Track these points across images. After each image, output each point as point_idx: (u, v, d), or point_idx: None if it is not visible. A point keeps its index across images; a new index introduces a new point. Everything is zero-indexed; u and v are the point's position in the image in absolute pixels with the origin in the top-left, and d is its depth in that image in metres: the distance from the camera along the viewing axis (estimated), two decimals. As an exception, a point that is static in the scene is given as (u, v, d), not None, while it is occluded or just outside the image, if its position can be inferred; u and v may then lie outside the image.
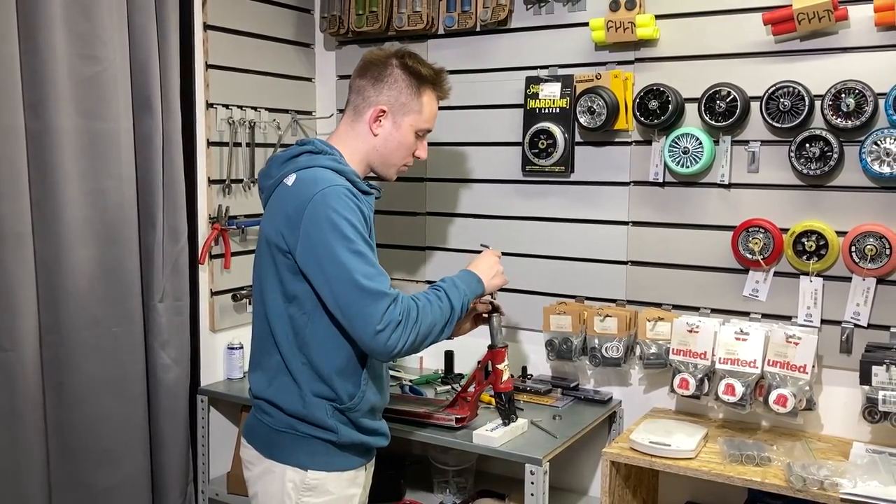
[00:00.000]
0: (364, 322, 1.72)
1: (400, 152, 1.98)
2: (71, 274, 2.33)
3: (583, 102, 2.50)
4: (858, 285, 2.21)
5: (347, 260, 1.72)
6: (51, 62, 2.24)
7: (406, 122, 1.95)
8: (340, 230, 1.74)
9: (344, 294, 1.73)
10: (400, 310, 1.74)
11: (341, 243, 1.73)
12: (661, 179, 2.46)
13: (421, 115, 1.97)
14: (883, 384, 2.03)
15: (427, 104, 1.98)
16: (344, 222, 1.75)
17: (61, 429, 2.35)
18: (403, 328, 1.74)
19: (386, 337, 1.72)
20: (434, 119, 2.02)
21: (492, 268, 2.05)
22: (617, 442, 2.24)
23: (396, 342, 1.73)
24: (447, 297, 1.87)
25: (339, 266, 1.72)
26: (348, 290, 1.72)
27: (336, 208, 1.75)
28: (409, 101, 1.95)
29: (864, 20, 2.16)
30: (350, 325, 1.75)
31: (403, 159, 2.00)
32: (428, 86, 1.98)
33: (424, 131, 2.01)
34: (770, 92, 2.24)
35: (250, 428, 1.96)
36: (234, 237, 2.79)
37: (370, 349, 1.77)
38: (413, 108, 1.95)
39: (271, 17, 2.89)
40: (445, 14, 2.75)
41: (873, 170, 2.13)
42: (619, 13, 2.41)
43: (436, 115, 2.02)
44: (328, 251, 1.73)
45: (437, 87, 2.01)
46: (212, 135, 2.71)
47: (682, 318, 2.34)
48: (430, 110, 1.99)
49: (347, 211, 1.76)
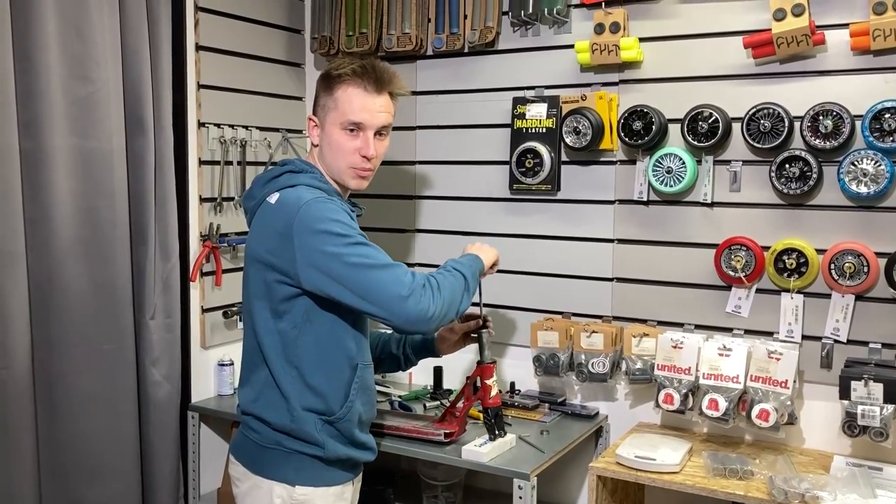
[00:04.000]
0: (389, 294, 1.73)
1: (338, 154, 1.92)
2: (63, 291, 2.35)
3: (569, 123, 2.55)
4: (838, 302, 2.26)
5: (348, 253, 1.75)
6: (45, 82, 2.27)
7: (328, 122, 1.93)
8: (332, 232, 1.76)
9: (356, 279, 1.74)
10: (419, 277, 1.78)
11: (337, 242, 1.75)
12: (645, 198, 2.51)
13: (337, 110, 1.90)
14: (862, 399, 2.07)
15: (342, 98, 1.90)
16: (334, 224, 1.77)
17: (53, 445, 2.37)
18: (431, 291, 1.77)
19: (416, 300, 1.73)
20: (359, 110, 1.90)
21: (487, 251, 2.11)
22: (603, 456, 2.28)
23: (428, 304, 1.75)
24: (455, 269, 1.93)
25: (340, 260, 1.74)
26: (357, 273, 1.74)
27: (324, 215, 1.78)
28: (326, 101, 1.94)
29: (840, 44, 2.23)
30: (376, 304, 1.74)
31: (347, 161, 1.92)
32: (338, 81, 1.91)
33: (352, 124, 1.90)
34: (751, 113, 2.30)
35: (238, 445, 1.97)
36: (225, 254, 2.82)
37: (405, 318, 1.74)
38: (329, 106, 1.92)
39: (262, 37, 2.93)
40: (434, 36, 2.80)
41: (851, 189, 2.19)
42: (604, 36, 2.47)
43: (362, 106, 1.90)
44: (326, 256, 1.75)
45: (352, 79, 1.91)
46: (203, 153, 2.74)
47: (667, 334, 2.38)
48: (346, 103, 1.90)
49: (334, 213, 1.79)
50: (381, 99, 1.93)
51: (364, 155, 1.92)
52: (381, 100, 1.93)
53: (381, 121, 1.94)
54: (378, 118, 1.93)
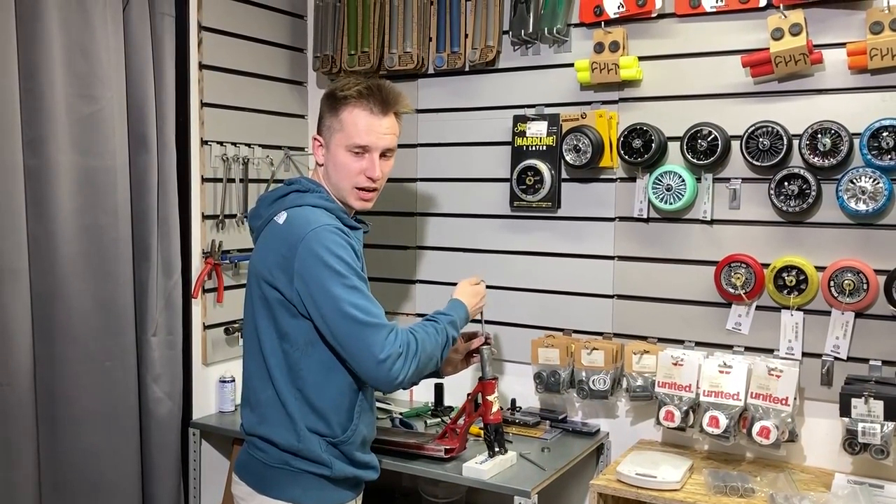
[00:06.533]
0: (366, 353, 1.76)
1: (343, 175, 1.93)
2: (66, 308, 2.36)
3: (569, 141, 2.57)
4: (837, 319, 2.26)
5: (342, 295, 1.77)
6: (50, 101, 2.30)
7: (333, 143, 1.94)
8: (333, 268, 1.78)
9: (342, 329, 1.78)
10: (399, 341, 1.79)
11: (335, 280, 1.78)
12: (645, 215, 2.52)
13: (343, 132, 1.91)
14: (862, 416, 2.08)
15: (347, 120, 1.91)
16: (336, 259, 1.79)
17: (54, 461, 2.37)
18: (405, 359, 1.79)
19: (389, 366, 1.76)
20: (365, 133, 1.91)
21: (474, 295, 2.14)
22: (604, 474, 2.28)
23: (399, 372, 1.78)
24: (443, 327, 1.95)
25: (334, 302, 1.77)
26: (346, 324, 1.77)
27: (328, 246, 1.79)
28: (332, 122, 1.94)
29: (837, 63, 2.25)
30: (352, 359, 1.79)
31: (353, 182, 1.93)
32: (343, 102, 1.92)
33: (357, 147, 1.91)
34: (750, 131, 2.31)
35: (243, 464, 1.97)
36: (227, 271, 2.83)
37: (374, 379, 1.80)
38: (335, 128, 1.93)
39: (265, 56, 2.96)
40: (435, 54, 2.82)
41: (850, 207, 2.20)
42: (604, 55, 2.49)
43: (368, 128, 1.91)
44: (322, 289, 1.78)
45: (357, 100, 1.91)
46: (206, 171, 2.76)
47: (667, 351, 2.39)
48: (351, 125, 1.91)
49: (339, 248, 1.81)
50: (386, 120, 1.94)
51: (370, 176, 1.94)
52: (386, 121, 1.94)
53: (387, 142, 1.95)
54: (384, 140, 1.94)
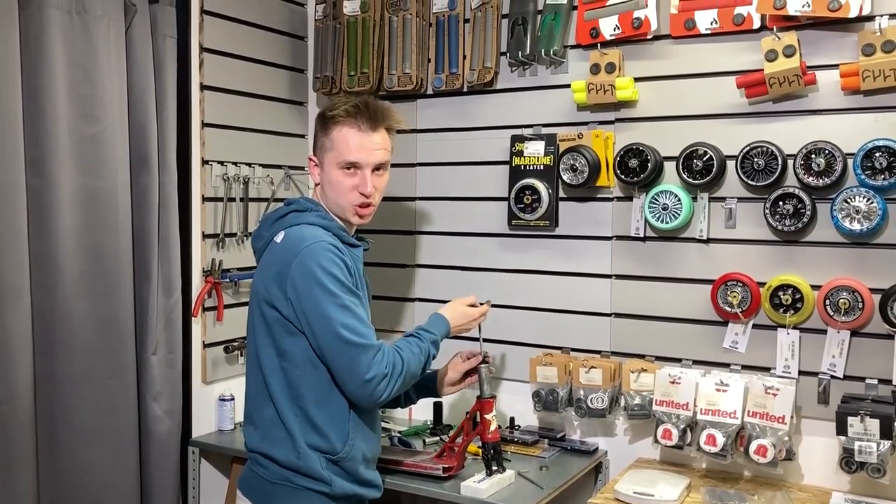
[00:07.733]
0: (352, 373, 1.82)
1: (338, 192, 1.97)
2: (66, 326, 2.38)
3: (566, 160, 2.59)
4: (833, 337, 2.27)
5: (333, 314, 1.81)
6: (52, 121, 2.32)
7: (326, 162, 1.98)
8: (325, 286, 1.82)
9: (332, 348, 1.83)
10: (386, 361, 1.85)
11: (327, 298, 1.82)
12: (642, 234, 2.54)
13: (334, 150, 1.95)
14: (858, 435, 2.08)
15: (337, 138, 1.95)
16: (328, 277, 1.82)
17: (54, 479, 2.37)
18: (389, 379, 1.85)
19: (374, 386, 1.83)
20: (354, 150, 1.94)
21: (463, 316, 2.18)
22: (602, 492, 2.28)
23: (382, 392, 1.84)
24: (426, 346, 2.00)
25: (324, 320, 1.81)
26: (335, 343, 1.82)
27: (321, 264, 1.83)
28: (323, 142, 1.98)
29: (831, 84, 2.27)
30: (339, 376, 1.85)
31: (347, 199, 1.96)
32: (332, 121, 1.96)
33: (348, 163, 1.94)
34: (745, 151, 2.34)
35: (246, 480, 1.99)
36: (227, 290, 2.85)
37: (357, 397, 1.87)
38: (327, 146, 1.97)
39: (266, 77, 2.99)
40: (434, 76, 2.85)
41: (844, 226, 2.21)
42: (600, 76, 2.52)
43: (358, 145, 1.94)
44: (314, 306, 1.82)
45: (346, 119, 1.95)
46: (207, 190, 2.78)
47: (665, 370, 2.40)
48: (342, 143, 1.94)
49: (332, 266, 1.84)
50: (376, 136, 1.97)
51: (362, 192, 1.96)
52: (376, 137, 1.97)
53: (378, 158, 1.98)
54: (374, 156, 1.97)
